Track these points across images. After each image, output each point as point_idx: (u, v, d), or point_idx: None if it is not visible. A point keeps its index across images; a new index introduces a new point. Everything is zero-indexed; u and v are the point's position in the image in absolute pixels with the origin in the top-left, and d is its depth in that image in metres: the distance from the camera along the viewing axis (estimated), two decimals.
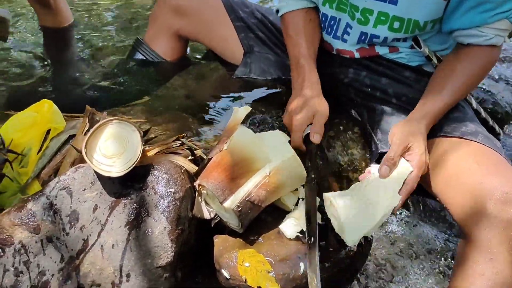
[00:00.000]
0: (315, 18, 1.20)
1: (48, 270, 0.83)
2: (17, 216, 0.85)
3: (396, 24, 1.09)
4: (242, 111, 1.05)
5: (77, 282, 0.81)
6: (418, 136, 0.99)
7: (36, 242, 0.84)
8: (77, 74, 1.46)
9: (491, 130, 1.27)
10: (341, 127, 1.22)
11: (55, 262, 0.83)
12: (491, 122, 1.29)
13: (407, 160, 0.98)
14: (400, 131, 1.00)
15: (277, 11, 1.23)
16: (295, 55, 1.15)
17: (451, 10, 1.05)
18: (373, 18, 1.10)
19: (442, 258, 1.15)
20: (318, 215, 0.96)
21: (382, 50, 1.18)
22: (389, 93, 1.19)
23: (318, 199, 0.98)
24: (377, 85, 1.20)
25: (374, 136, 1.17)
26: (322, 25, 1.23)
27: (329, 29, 1.21)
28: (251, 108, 1.09)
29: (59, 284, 0.81)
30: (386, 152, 1.11)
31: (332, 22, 1.20)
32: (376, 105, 1.19)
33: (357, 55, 1.20)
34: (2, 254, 0.83)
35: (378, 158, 1.13)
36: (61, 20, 1.74)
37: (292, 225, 0.93)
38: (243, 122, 1.04)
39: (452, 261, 1.14)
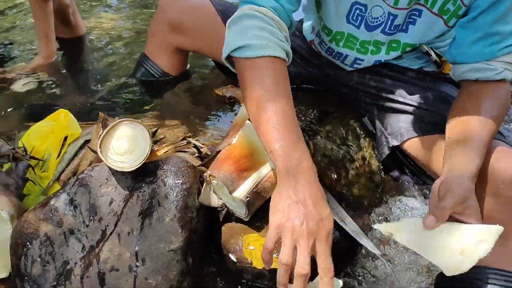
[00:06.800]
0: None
1: (71, 259, 0.91)
2: (42, 211, 0.94)
3: (408, 48, 1.13)
4: None
5: (98, 268, 0.89)
6: (473, 194, 0.85)
7: (59, 235, 0.92)
8: (91, 86, 1.56)
9: None
10: (339, 120, 1.30)
11: (77, 251, 0.92)
12: None
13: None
14: (453, 185, 0.85)
15: (239, 48, 0.91)
16: (284, 117, 0.85)
17: (456, 39, 1.03)
18: (385, 47, 1.13)
19: None
20: None
21: (386, 60, 1.20)
22: (394, 92, 1.22)
23: None
24: (382, 86, 1.24)
25: (384, 130, 1.21)
26: (328, 53, 1.24)
27: (336, 58, 1.22)
28: None
29: (81, 271, 0.90)
30: (397, 146, 1.18)
31: (339, 55, 1.21)
32: (384, 103, 1.23)
33: (361, 67, 1.23)
34: (30, 246, 0.92)
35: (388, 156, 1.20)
36: (76, 32, 1.88)
37: None
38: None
39: None
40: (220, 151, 1.04)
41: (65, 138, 1.18)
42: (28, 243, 0.92)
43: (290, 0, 0.98)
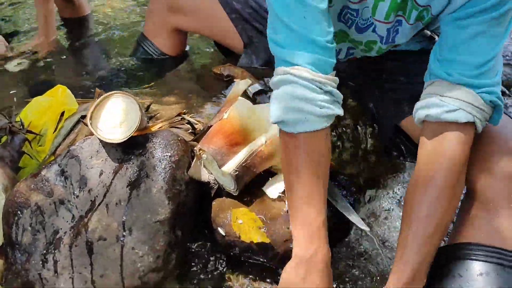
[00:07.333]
0: (330, 144, 0.90)
1: (61, 229, 0.92)
2: (33, 181, 0.95)
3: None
4: (242, 84, 1.13)
5: (86, 237, 0.90)
6: None
7: (50, 204, 0.94)
8: (90, 64, 1.58)
9: None
10: None
11: (67, 221, 0.93)
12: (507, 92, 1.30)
13: None
14: None
15: (279, 122, 0.87)
16: (309, 201, 0.86)
17: None
18: (376, 47, 1.10)
19: None
20: None
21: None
22: (395, 72, 1.20)
23: None
24: (383, 68, 1.21)
25: (387, 111, 1.19)
26: None
27: None
28: (251, 82, 1.16)
29: (70, 240, 0.91)
30: (398, 126, 1.16)
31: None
32: (386, 84, 1.21)
33: (359, 56, 1.21)
34: (20, 215, 0.93)
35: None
36: (79, 11, 1.89)
37: (275, 186, 1.00)
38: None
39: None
40: (211, 126, 1.04)
41: (62, 114, 1.19)
42: (19, 212, 0.94)
43: (324, 31, 0.86)
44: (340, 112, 0.89)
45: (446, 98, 0.86)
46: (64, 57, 1.66)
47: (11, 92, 1.41)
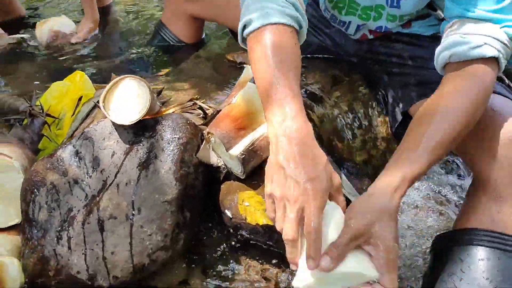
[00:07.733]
0: (298, 46, 0.88)
1: (75, 207, 0.97)
2: (49, 161, 1.00)
3: (406, 18, 1.11)
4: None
5: (98, 216, 0.94)
6: (386, 216, 0.72)
7: (64, 184, 0.98)
8: (109, 51, 1.64)
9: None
10: (348, 87, 1.29)
11: (80, 200, 0.97)
12: (507, 81, 1.29)
13: (370, 256, 0.72)
14: (358, 209, 0.74)
15: (244, 26, 0.88)
16: (280, 83, 0.79)
17: None
18: (385, 13, 1.10)
19: (449, 204, 1.20)
20: None
21: (395, 29, 1.18)
22: (404, 56, 1.19)
23: None
24: (392, 51, 1.21)
25: (395, 96, 1.19)
26: (332, 20, 1.22)
27: (340, 25, 1.21)
28: None
29: (83, 218, 0.95)
30: (407, 113, 1.16)
31: (342, 24, 1.19)
32: (394, 69, 1.21)
33: (370, 36, 1.21)
34: (37, 193, 0.98)
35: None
36: (102, 1, 1.95)
37: None
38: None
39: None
40: (220, 110, 1.06)
41: (80, 98, 1.23)
42: (35, 190, 0.98)
43: None
44: (303, 24, 0.88)
45: (469, 35, 0.85)
46: (85, 44, 1.71)
47: (32, 77, 1.46)
